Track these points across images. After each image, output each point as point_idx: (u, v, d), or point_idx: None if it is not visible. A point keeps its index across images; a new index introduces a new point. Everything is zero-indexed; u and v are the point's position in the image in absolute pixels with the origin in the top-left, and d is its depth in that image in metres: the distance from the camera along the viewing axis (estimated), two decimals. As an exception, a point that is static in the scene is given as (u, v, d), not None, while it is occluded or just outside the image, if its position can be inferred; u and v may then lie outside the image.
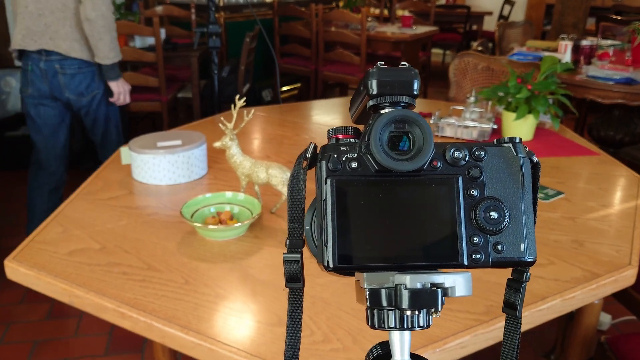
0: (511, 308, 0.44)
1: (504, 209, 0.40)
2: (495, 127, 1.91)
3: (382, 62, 0.43)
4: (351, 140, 0.42)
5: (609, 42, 3.63)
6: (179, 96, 3.76)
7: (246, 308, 0.98)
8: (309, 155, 0.43)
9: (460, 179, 0.41)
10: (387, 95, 0.41)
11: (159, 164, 1.48)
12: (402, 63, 0.43)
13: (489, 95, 1.94)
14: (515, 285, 0.44)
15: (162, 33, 3.47)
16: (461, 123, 1.92)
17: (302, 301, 0.44)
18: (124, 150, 1.67)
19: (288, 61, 4.85)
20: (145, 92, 3.45)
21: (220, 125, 1.31)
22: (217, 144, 1.31)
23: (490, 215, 0.40)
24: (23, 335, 2.09)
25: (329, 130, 0.44)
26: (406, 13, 5.55)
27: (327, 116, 2.23)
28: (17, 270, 1.09)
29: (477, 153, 0.42)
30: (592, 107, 3.91)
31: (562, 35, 3.55)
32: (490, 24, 6.96)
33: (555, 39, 4.58)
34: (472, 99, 2.06)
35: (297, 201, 0.42)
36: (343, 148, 0.41)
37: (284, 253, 0.43)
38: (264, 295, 1.02)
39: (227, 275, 1.09)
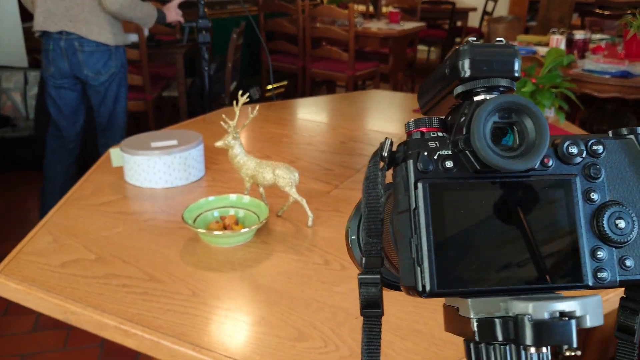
0: (627, 332, 0.37)
1: (632, 215, 0.33)
2: (499, 122, 1.85)
3: (474, 38, 0.35)
4: (439, 134, 0.35)
5: (598, 36, 3.62)
6: (164, 95, 3.65)
7: (263, 321, 0.90)
8: (385, 154, 0.35)
9: (577, 179, 0.33)
10: (482, 79, 0.34)
11: (154, 166, 1.39)
12: (497, 39, 0.35)
13: (492, 90, 1.88)
14: (633, 306, 0.37)
15: (145, 30, 3.36)
16: (465, 118, 1.86)
17: (380, 332, 0.36)
18: (114, 152, 1.57)
19: (274, 58, 4.75)
20: (128, 90, 3.33)
21: (222, 123, 1.22)
22: (219, 143, 1.22)
23: (617, 224, 0.33)
24: (8, 349, 1.97)
25: (408, 122, 0.36)
26: (391, 9, 5.50)
27: (324, 113, 2.16)
28: (6, 285, 0.99)
29: (594, 148, 0.34)
30: (583, 101, 3.89)
31: (553, 30, 3.52)
32: (474, 20, 6.94)
33: (541, 34, 4.57)
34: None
35: (375, 210, 0.34)
36: (432, 144, 0.33)
37: (360, 274, 0.35)
38: (280, 306, 0.94)
39: (237, 285, 1.00)
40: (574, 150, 0.33)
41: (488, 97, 0.33)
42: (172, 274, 1.03)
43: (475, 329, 0.31)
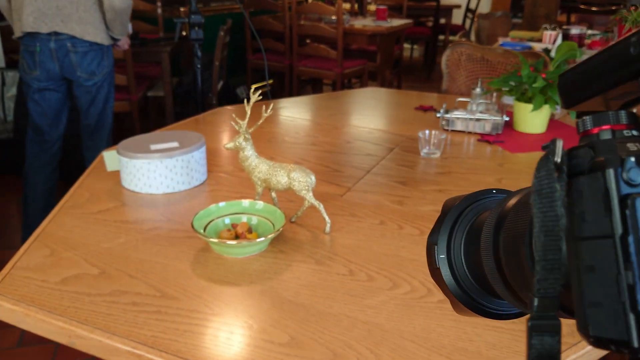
0: None
1: None
2: (507, 119, 1.79)
3: None
4: (633, 132, 0.27)
5: (589, 32, 3.60)
6: (149, 95, 3.52)
7: (293, 342, 0.82)
8: (559, 160, 0.27)
9: None
10: None
11: (154, 170, 1.29)
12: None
13: (499, 86, 1.82)
14: None
15: (129, 27, 3.23)
16: (472, 116, 1.79)
17: None
18: (108, 155, 1.47)
19: (260, 56, 4.66)
20: (113, 91, 3.20)
21: (232, 123, 1.13)
22: (229, 145, 1.13)
23: None
24: (-8, 367, 1.85)
25: (582, 119, 0.29)
26: (378, 6, 5.44)
27: (324, 112, 2.07)
28: (1, 306, 0.89)
29: None
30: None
31: (544, 26, 3.50)
32: (458, 18, 6.93)
33: (527, 30, 4.55)
34: (477, 90, 1.94)
35: (553, 236, 0.26)
36: (632, 146, 0.26)
37: (531, 319, 0.27)
38: (309, 324, 0.86)
39: (258, 301, 0.92)
40: None
41: None
42: (185, 289, 0.94)
43: None
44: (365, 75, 4.52)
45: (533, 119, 1.78)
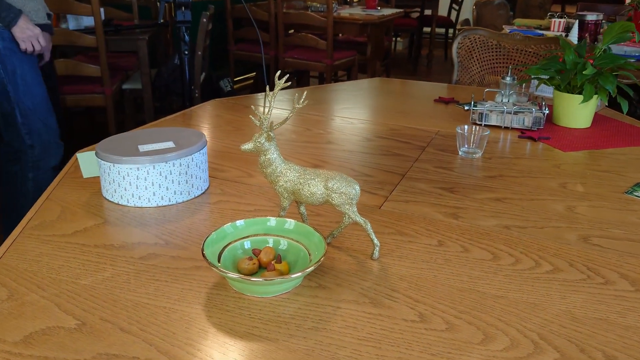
0: None
1: None
2: (547, 112, 1.56)
3: None
4: None
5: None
6: (125, 88, 3.21)
7: None
8: None
9: None
10: None
11: (145, 177, 1.02)
12: None
13: (537, 74, 1.59)
14: None
15: (101, 13, 2.91)
16: (510, 109, 1.56)
17: None
18: (83, 158, 1.19)
19: (242, 47, 4.37)
20: (82, 82, 2.89)
21: (251, 118, 0.86)
22: (247, 147, 0.87)
23: None
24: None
25: None
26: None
27: (329, 105, 1.81)
28: None
29: None
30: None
31: (551, 13, 3.30)
32: (444, 9, 6.73)
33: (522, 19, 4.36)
34: (508, 79, 1.70)
35: None
36: None
37: None
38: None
39: (306, 366, 0.66)
40: None
41: None
42: (201, 349, 0.67)
43: None
44: (356, 67, 4.27)
45: (579, 112, 1.55)
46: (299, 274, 0.75)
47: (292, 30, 4.46)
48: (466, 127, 1.35)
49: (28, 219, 0.99)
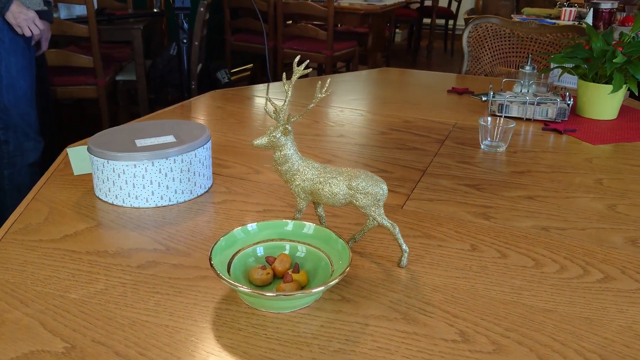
0: None
1: None
2: (571, 102, 1.46)
3: None
4: None
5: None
6: (118, 79, 3.09)
7: None
8: None
9: None
10: None
11: (143, 175, 0.91)
12: None
13: (562, 62, 1.49)
14: None
15: (94, 1, 2.80)
16: (533, 100, 1.46)
17: None
18: (74, 153, 1.09)
19: (240, 38, 4.25)
20: (74, 74, 2.77)
21: (266, 109, 0.76)
22: (260, 141, 0.76)
23: None
24: None
25: None
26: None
27: (337, 96, 1.71)
28: None
29: None
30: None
31: (559, 2, 3.20)
32: (444, 1, 6.61)
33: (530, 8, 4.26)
34: (527, 68, 1.60)
35: None
36: None
37: None
38: None
39: (336, 399, 0.56)
40: None
41: None
42: (210, 378, 0.57)
43: None
44: (356, 58, 4.17)
45: (606, 103, 1.45)
46: (322, 287, 0.65)
47: (290, 21, 4.35)
48: (489, 119, 1.25)
49: (11, 222, 0.88)
